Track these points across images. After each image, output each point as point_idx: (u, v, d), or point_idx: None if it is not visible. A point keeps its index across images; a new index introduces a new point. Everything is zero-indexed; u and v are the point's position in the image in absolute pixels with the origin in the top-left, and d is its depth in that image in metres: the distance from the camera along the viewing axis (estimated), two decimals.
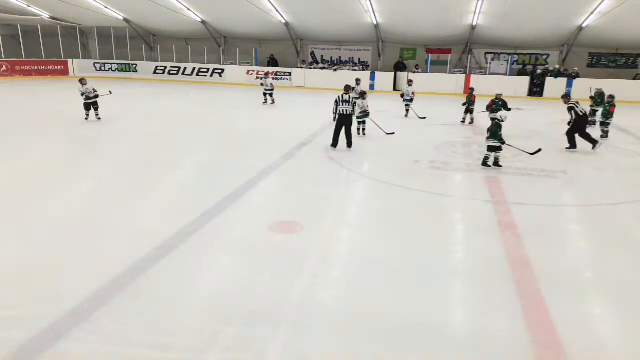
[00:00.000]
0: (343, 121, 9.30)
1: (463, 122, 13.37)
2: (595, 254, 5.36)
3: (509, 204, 6.69)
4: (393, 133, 11.00)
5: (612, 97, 11.58)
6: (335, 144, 9.37)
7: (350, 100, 9.21)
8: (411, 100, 14.08)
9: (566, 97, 10.85)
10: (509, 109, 11.12)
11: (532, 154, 8.84)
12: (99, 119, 12.52)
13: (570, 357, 3.45)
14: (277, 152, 9.29)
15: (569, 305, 4.11)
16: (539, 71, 20.73)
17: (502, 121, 8.24)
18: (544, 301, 4.15)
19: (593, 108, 13.35)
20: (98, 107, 12.54)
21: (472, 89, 13.39)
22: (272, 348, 3.45)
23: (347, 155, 9.24)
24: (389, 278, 4.55)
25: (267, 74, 18.22)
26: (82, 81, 12.49)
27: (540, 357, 3.46)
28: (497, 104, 11.63)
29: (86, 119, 12.48)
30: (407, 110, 14.24)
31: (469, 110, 13.25)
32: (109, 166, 8.34)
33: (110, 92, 13.15)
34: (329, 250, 5.20)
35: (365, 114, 10.93)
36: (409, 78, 15.83)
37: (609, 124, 11.51)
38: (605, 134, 11.55)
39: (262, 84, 16.84)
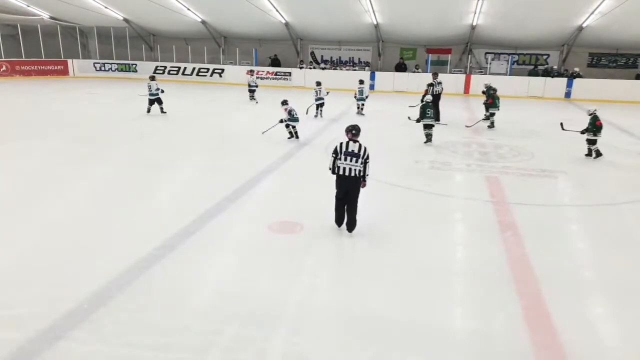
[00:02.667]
0: (344, 186, 5.50)
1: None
2: (595, 254, 5.36)
3: (509, 204, 6.69)
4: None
5: (492, 89, 12.83)
6: (339, 220, 5.63)
7: (362, 154, 5.50)
8: (365, 98, 14.62)
9: (435, 74, 13.07)
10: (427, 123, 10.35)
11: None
12: (164, 112, 13.61)
13: (570, 357, 3.46)
14: (277, 152, 9.29)
15: (569, 305, 4.12)
16: (555, 73, 20.50)
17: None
18: (544, 301, 4.16)
19: (485, 103, 13.23)
20: (162, 102, 13.58)
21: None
22: (272, 348, 3.46)
23: None
24: (389, 278, 4.55)
25: (252, 72, 18.86)
26: (152, 78, 13.73)
27: (540, 357, 3.46)
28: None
29: (148, 112, 13.59)
30: (360, 108, 14.74)
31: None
32: (109, 166, 8.33)
33: (163, 91, 13.69)
34: (329, 250, 5.21)
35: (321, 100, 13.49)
36: (360, 78, 15.96)
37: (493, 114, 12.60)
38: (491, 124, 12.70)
39: (248, 84, 17.34)
